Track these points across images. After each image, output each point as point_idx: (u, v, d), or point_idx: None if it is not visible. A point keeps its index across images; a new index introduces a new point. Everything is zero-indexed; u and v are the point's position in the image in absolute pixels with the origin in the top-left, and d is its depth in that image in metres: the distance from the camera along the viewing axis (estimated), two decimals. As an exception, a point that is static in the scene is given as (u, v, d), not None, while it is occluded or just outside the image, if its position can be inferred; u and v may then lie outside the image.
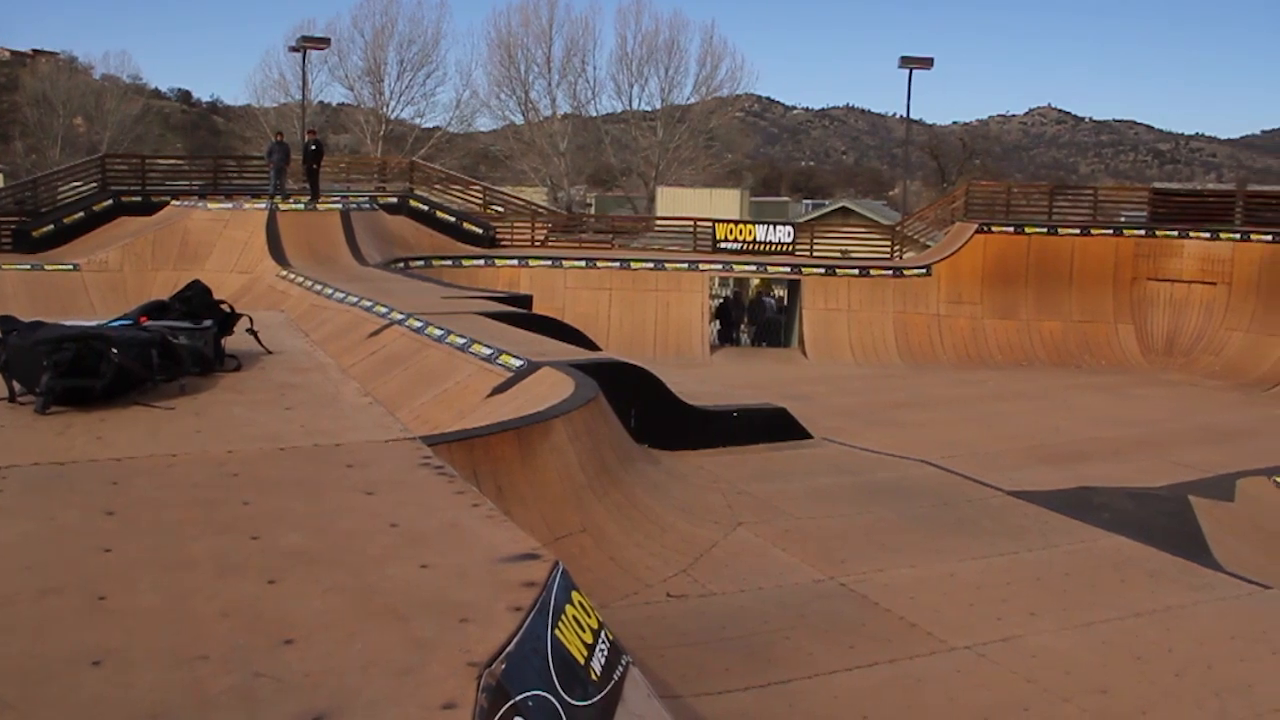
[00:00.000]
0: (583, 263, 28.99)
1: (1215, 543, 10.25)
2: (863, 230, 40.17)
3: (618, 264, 29.07)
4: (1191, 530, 10.64)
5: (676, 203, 49.89)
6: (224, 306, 6.10)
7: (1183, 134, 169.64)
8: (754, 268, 30.37)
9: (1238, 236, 29.54)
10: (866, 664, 6.28)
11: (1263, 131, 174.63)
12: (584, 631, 2.68)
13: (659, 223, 37.43)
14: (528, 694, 2.20)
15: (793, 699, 5.82)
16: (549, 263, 28.84)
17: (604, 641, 2.76)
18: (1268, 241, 28.83)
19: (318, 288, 19.47)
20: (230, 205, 27.01)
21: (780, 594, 7.52)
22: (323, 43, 42.63)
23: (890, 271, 29.77)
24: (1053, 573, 8.15)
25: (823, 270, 29.55)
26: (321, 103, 65.31)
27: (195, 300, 6.00)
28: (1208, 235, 29.94)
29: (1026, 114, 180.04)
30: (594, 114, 65.66)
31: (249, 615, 2.49)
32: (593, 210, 60.81)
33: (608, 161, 66.49)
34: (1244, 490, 12.80)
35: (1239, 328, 28.38)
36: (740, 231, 31.71)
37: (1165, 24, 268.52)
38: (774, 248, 30.99)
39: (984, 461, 15.05)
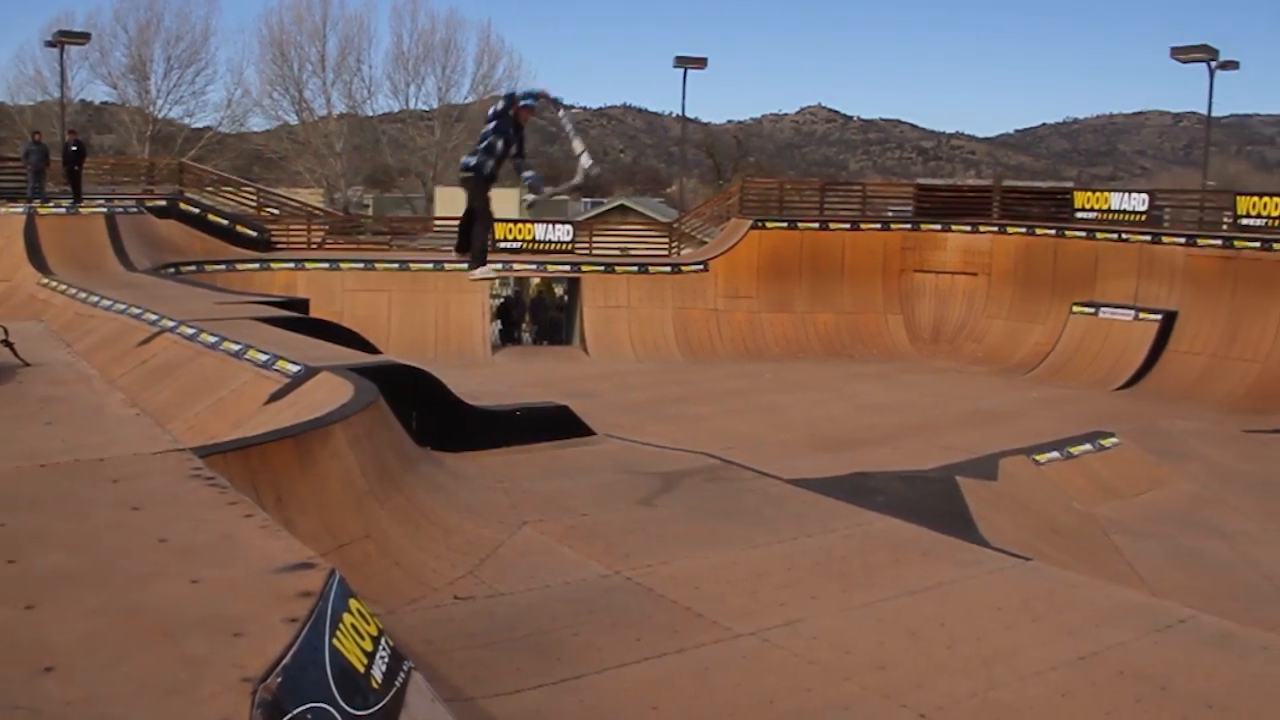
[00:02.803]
0: (361, 265, 28.52)
1: (981, 520, 10.73)
2: (641, 228, 40.64)
3: (397, 265, 28.69)
4: (959, 509, 11.12)
5: (456, 203, 49.29)
6: (-26, 318, 5.79)
7: (944, 133, 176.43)
8: (534, 266, 30.36)
9: (995, 229, 31.09)
10: (655, 655, 6.34)
11: (1016, 131, 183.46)
12: (363, 639, 2.63)
13: (438, 223, 37.03)
14: (306, 706, 2.16)
15: (583, 694, 5.84)
16: (326, 265, 28.25)
17: (384, 648, 2.72)
18: (1022, 234, 30.41)
19: (82, 295, 18.60)
20: (-17, 210, 25.55)
21: (568, 590, 7.54)
22: (82, 38, 40.69)
23: (669, 268, 30.18)
24: (831, 556, 8.38)
25: (602, 268, 29.76)
26: (83, 101, 62.50)
27: (-59, 312, 5.68)
28: (968, 228, 31.39)
29: (798, 113, 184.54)
30: (370, 114, 64.60)
31: (3, 644, 2.36)
32: (370, 211, 59.71)
33: (385, 162, 65.45)
34: (1006, 469, 13.44)
35: (999, 315, 29.85)
36: (519, 231, 31.64)
37: (927, 29, 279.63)
38: (553, 246, 31.03)
39: (764, 451, 15.42)
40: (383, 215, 50.52)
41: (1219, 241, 26.66)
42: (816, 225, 31.46)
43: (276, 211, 32.84)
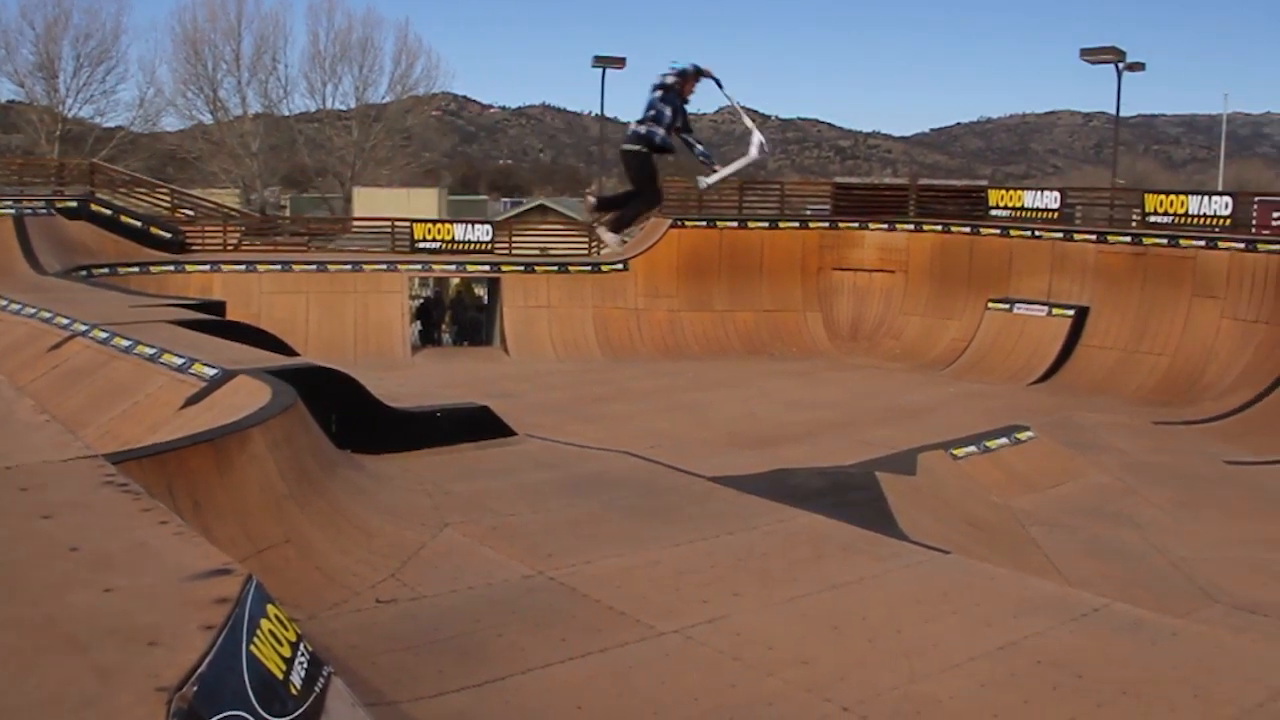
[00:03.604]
0: (278, 266, 28.17)
1: (900, 514, 10.84)
2: (561, 227, 40.61)
3: (315, 266, 28.39)
4: (879, 504, 11.22)
5: (373, 203, 49.04)
6: (-125, 324, 5.64)
7: (861, 132, 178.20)
8: (453, 267, 30.21)
9: (912, 227, 31.46)
10: (579, 655, 6.34)
11: (932, 130, 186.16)
12: (281, 645, 2.60)
13: (356, 223, 36.71)
14: (223, 715, 2.13)
15: (508, 695, 5.82)
16: (243, 267, 27.88)
17: (303, 654, 2.69)
18: (938, 232, 30.82)
19: (-12, 300, 18.21)
20: (-117, 213, 24.91)
21: (491, 591, 7.51)
22: (-15, 36, 39.84)
23: (589, 267, 30.18)
24: (753, 553, 8.42)
25: (522, 268, 29.68)
26: (-13, 100, 61.15)
27: None
28: (886, 226, 31.74)
29: (717, 112, 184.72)
30: (287, 113, 63.88)
31: (-91, 657, 2.31)
32: (288, 212, 58.95)
33: (302, 162, 64.68)
34: (924, 464, 13.59)
35: (916, 312, 30.21)
36: (439, 231, 31.48)
37: (844, 29, 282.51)
38: (473, 246, 30.90)
39: (685, 450, 15.47)
40: (300, 216, 49.96)
41: (1128, 238, 27.20)
42: (735, 224, 31.62)
43: (191, 213, 32.35)
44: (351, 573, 7.75)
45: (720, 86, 10.19)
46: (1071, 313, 26.56)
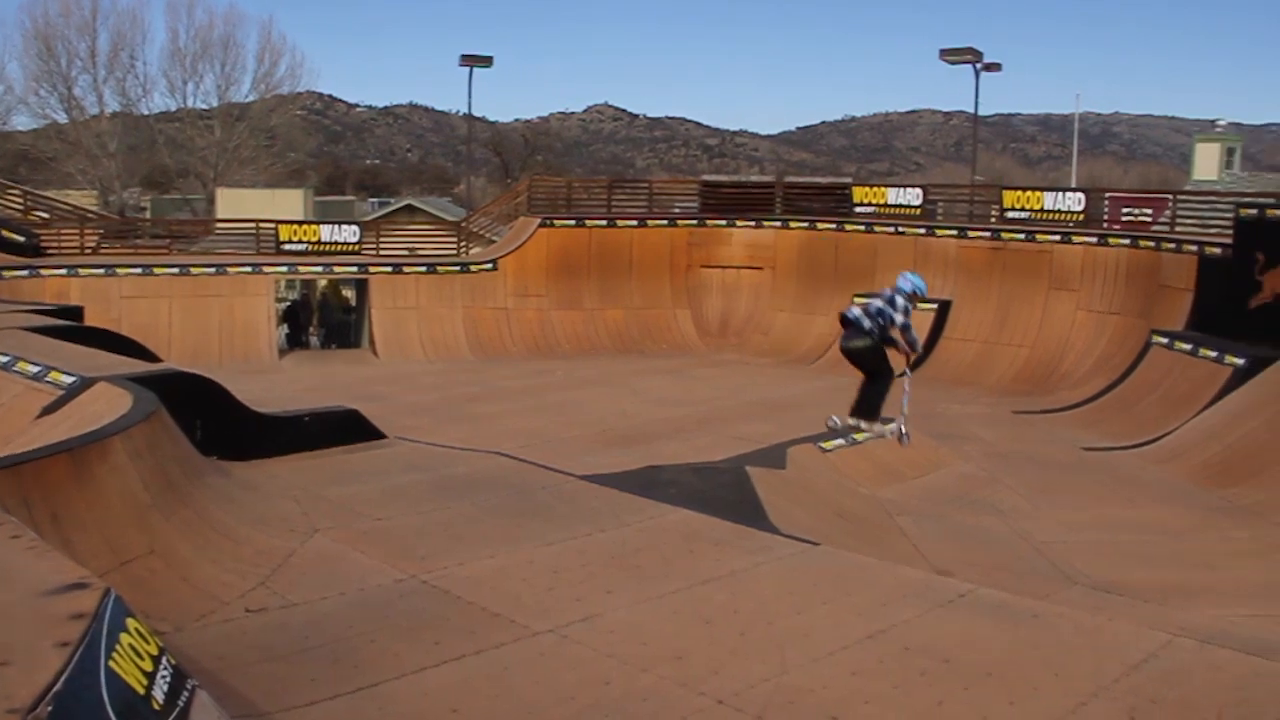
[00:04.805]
0: (138, 270, 27.46)
1: (771, 508, 10.95)
2: (429, 227, 40.31)
3: (177, 270, 27.73)
4: (750, 498, 11.31)
5: (238, 204, 48.02)
6: None
7: (729, 130, 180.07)
8: (320, 268, 29.77)
9: (778, 224, 31.88)
10: (454, 658, 6.30)
11: (797, 128, 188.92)
12: (142, 659, 2.54)
13: (220, 225, 36.00)
14: (81, 733, 2.08)
15: (382, 702, 5.77)
16: (101, 271, 27.12)
17: (165, 668, 2.63)
18: (804, 228, 31.30)
19: None
20: None
21: (363, 597, 7.43)
22: None
23: (458, 267, 30.00)
24: (626, 550, 8.46)
25: (390, 268, 29.40)
26: None
27: None
28: (753, 224, 32.14)
29: (585, 111, 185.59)
30: (146, 112, 62.21)
31: None
32: (148, 214, 57.42)
33: (163, 162, 63.03)
34: (794, 457, 13.75)
35: (784, 308, 30.62)
36: (305, 232, 30.98)
37: (710, 27, 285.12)
38: (340, 247, 30.48)
39: (557, 448, 15.48)
40: (161, 218, 48.71)
41: (988, 234, 27.95)
42: (604, 223, 31.71)
43: (46, 215, 31.38)
44: (220, 582, 7.60)
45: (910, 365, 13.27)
46: (934, 307, 27.13)
